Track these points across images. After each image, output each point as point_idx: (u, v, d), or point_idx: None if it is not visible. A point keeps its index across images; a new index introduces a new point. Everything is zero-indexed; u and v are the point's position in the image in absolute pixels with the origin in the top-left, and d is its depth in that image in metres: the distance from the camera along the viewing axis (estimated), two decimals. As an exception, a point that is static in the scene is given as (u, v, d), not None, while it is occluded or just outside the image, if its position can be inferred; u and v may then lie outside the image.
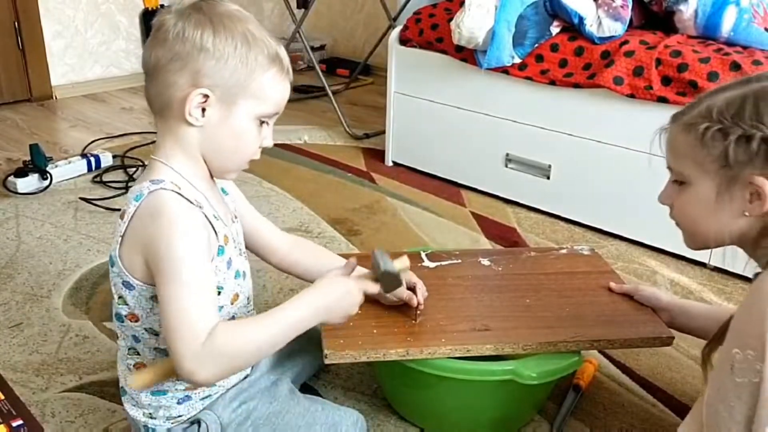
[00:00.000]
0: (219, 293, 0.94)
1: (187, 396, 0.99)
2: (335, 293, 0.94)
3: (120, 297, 0.93)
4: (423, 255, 1.35)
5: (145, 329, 0.94)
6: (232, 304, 0.99)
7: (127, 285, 0.91)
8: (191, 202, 0.89)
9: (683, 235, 0.95)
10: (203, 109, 0.89)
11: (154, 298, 0.90)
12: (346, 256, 1.22)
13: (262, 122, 0.93)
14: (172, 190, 0.88)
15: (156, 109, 0.92)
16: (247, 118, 0.91)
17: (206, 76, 0.87)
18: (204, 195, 0.94)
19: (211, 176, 0.98)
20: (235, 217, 1.05)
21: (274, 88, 0.91)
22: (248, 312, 1.05)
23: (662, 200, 0.95)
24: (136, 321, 0.93)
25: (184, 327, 0.81)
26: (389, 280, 1.03)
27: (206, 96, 0.87)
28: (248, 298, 1.05)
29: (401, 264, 1.04)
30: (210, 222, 0.91)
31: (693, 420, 0.87)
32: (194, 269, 0.84)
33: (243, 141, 0.93)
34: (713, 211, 0.86)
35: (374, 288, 0.99)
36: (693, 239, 0.94)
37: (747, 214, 0.83)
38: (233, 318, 0.99)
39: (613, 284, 1.26)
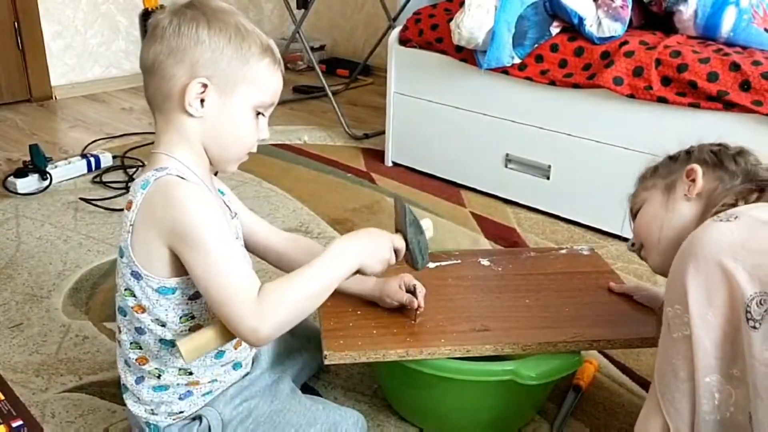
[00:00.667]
0: None
1: (188, 392, 0.99)
2: (372, 238, 0.98)
3: (127, 289, 0.94)
4: (423, 255, 1.35)
5: (152, 320, 0.94)
6: None
7: (136, 275, 0.92)
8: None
9: (654, 262, 1.06)
10: (202, 100, 0.91)
11: (162, 289, 0.92)
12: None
13: (258, 113, 0.96)
14: (177, 175, 0.90)
15: (156, 104, 0.94)
16: (245, 107, 0.94)
17: (203, 66, 0.90)
18: (206, 186, 0.96)
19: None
20: (235, 214, 1.07)
21: (269, 77, 0.95)
22: None
23: (632, 242, 1.12)
24: (143, 312, 0.94)
25: (234, 289, 0.84)
26: (415, 232, 1.02)
27: (205, 86, 0.90)
28: None
29: (426, 223, 1.05)
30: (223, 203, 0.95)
31: (650, 397, 0.89)
32: (222, 237, 0.87)
33: (241, 130, 0.96)
34: (666, 209, 1.03)
35: (401, 242, 1.01)
36: (662, 253, 1.02)
37: (688, 195, 1.00)
38: None
39: (613, 284, 1.26)
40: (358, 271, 0.96)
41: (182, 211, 0.86)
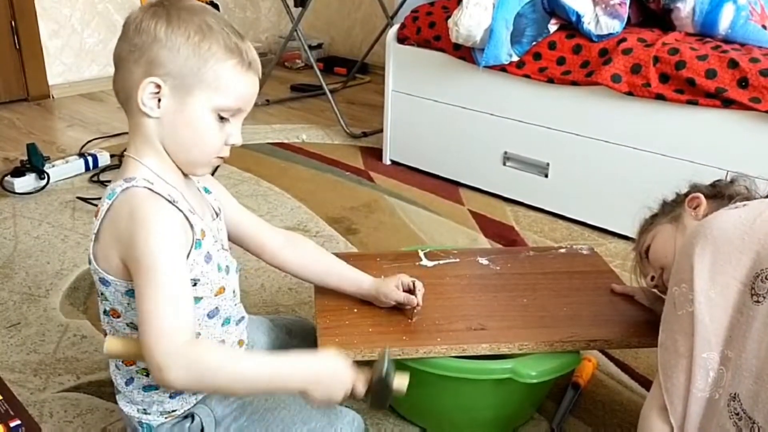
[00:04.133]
0: (195, 284, 0.93)
1: (179, 390, 0.99)
2: (334, 369, 0.91)
3: (101, 294, 0.94)
4: (421, 254, 1.35)
5: (126, 324, 0.93)
6: (215, 296, 0.98)
7: (104, 282, 0.91)
8: (165, 198, 0.89)
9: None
10: (159, 100, 0.89)
11: (129, 292, 0.90)
12: (342, 255, 1.23)
13: (222, 117, 0.91)
14: (145, 187, 0.88)
15: (121, 102, 0.93)
16: (203, 110, 0.89)
17: (159, 65, 0.87)
18: (177, 189, 0.93)
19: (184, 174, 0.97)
20: (216, 214, 1.04)
21: (233, 79, 0.89)
22: (235, 305, 1.04)
23: (651, 275, 1.14)
24: (118, 317, 0.93)
25: (163, 324, 0.82)
26: (379, 391, 0.92)
27: (158, 86, 0.88)
28: (234, 292, 1.03)
29: (400, 383, 0.93)
30: (185, 216, 0.91)
31: (654, 387, 0.91)
32: (173, 270, 0.85)
33: (200, 134, 0.91)
34: (678, 230, 1.08)
35: (362, 391, 0.93)
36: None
37: (695, 215, 1.06)
38: (217, 310, 0.99)
39: (615, 285, 1.26)
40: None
41: (143, 232, 0.84)
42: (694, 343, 0.83)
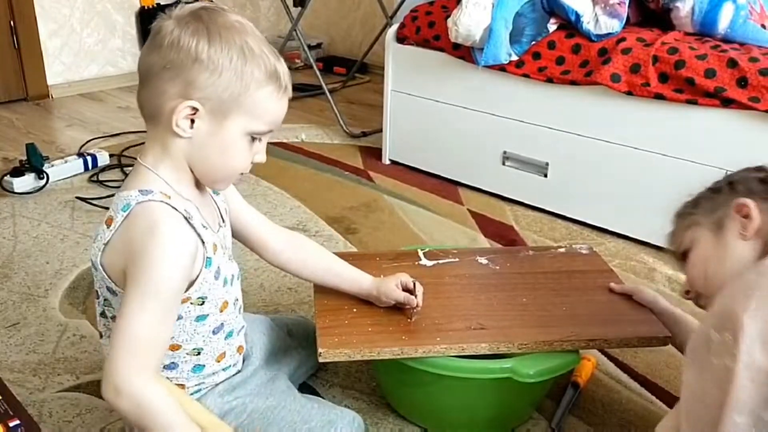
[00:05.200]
0: (202, 303, 0.94)
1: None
2: None
3: (105, 299, 0.93)
4: (420, 253, 1.35)
5: None
6: (221, 312, 0.98)
7: (111, 291, 0.91)
8: (182, 214, 0.87)
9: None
10: (192, 120, 0.86)
11: None
12: (342, 255, 1.23)
13: (254, 138, 0.91)
14: (162, 201, 0.86)
15: (146, 114, 0.90)
16: (238, 134, 0.88)
17: (198, 88, 0.84)
18: (193, 203, 0.92)
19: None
20: (223, 221, 1.03)
21: (270, 106, 0.89)
22: (237, 316, 1.04)
23: (686, 290, 1.03)
24: None
25: (138, 346, 0.82)
26: None
27: (195, 109, 0.85)
28: (235, 302, 1.03)
29: None
30: (198, 234, 0.89)
31: (672, 414, 0.86)
32: (168, 300, 0.84)
33: (231, 156, 0.90)
34: (720, 250, 0.93)
35: None
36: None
37: (744, 234, 0.89)
38: (222, 326, 0.99)
39: (613, 284, 1.26)
40: None
41: (158, 252, 0.83)
42: (727, 401, 0.73)
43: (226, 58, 0.84)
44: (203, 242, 0.90)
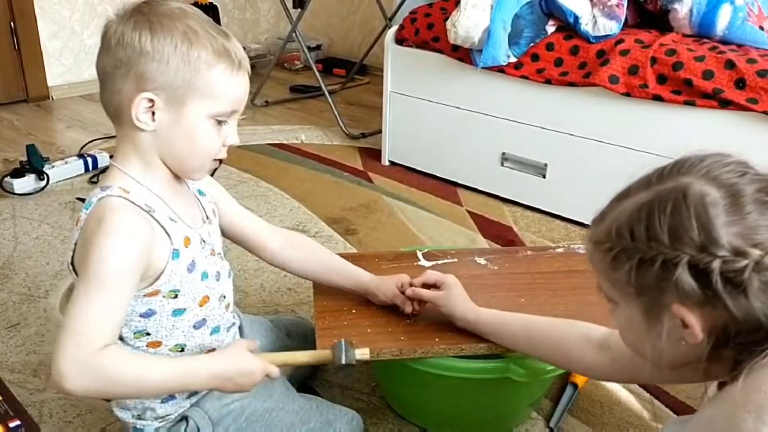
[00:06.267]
0: (176, 296, 0.93)
1: (170, 396, 0.98)
2: (238, 368, 0.91)
3: None
4: (419, 254, 1.36)
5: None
6: (201, 306, 0.97)
7: None
8: (141, 207, 0.87)
9: (652, 374, 0.80)
10: (153, 113, 0.87)
11: None
12: (342, 256, 1.23)
13: (219, 121, 0.90)
14: (119, 196, 0.86)
15: (111, 116, 0.91)
16: (200, 118, 0.88)
17: (149, 79, 0.85)
18: (162, 198, 0.92)
19: (177, 176, 0.95)
20: (207, 218, 1.02)
21: (225, 85, 0.88)
22: (224, 312, 1.03)
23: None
24: None
25: (80, 330, 0.80)
26: (341, 368, 1.00)
27: (152, 100, 0.86)
28: (221, 299, 1.02)
29: (362, 354, 1.00)
30: (162, 226, 0.89)
31: None
32: (114, 283, 0.83)
33: (199, 142, 0.90)
34: (650, 337, 0.71)
35: (277, 372, 0.96)
36: (654, 371, 0.76)
37: (685, 342, 0.68)
38: (204, 321, 0.99)
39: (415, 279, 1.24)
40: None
41: (101, 239, 0.82)
42: None
43: (170, 45, 0.84)
44: (168, 234, 0.90)
